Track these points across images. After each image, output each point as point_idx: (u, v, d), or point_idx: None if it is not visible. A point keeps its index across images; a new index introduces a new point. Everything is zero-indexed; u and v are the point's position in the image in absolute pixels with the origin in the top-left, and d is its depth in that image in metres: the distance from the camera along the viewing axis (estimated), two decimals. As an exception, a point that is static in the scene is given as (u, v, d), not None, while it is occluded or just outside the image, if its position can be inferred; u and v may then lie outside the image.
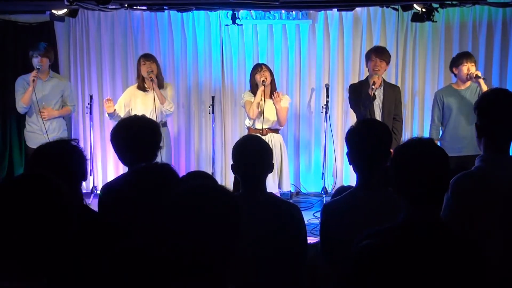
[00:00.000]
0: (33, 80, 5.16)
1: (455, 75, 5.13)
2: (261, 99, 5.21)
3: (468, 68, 4.99)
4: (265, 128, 5.27)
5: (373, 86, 5.02)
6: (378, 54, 5.13)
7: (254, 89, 5.32)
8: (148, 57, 5.38)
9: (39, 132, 5.33)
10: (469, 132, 4.81)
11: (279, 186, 5.41)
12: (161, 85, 5.36)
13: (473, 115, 2.50)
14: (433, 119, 5.23)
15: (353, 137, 2.42)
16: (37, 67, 5.23)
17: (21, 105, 5.35)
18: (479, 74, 4.96)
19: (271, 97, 5.28)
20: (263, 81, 5.18)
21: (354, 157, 2.41)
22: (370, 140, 2.37)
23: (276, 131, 5.39)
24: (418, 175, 1.80)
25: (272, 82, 5.33)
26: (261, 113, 5.23)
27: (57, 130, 5.46)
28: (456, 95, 5.07)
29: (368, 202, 2.33)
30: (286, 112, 5.39)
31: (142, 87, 5.37)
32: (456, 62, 5.10)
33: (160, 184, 2.27)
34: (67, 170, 2.16)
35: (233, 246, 1.57)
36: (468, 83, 5.05)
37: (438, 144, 4.96)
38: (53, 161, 2.21)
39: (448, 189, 2.03)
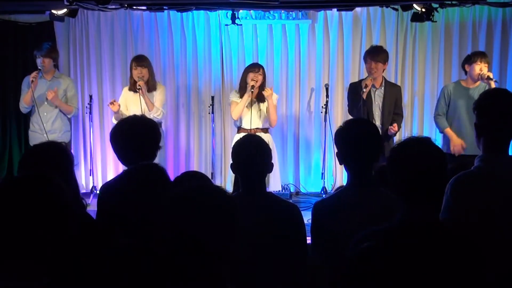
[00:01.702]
0: (32, 81, 5.20)
1: (466, 72, 5.06)
2: (246, 102, 5.18)
3: (481, 68, 4.92)
4: (253, 128, 5.24)
5: (364, 89, 5.02)
6: (373, 56, 5.12)
7: (242, 90, 5.27)
8: (139, 61, 5.33)
9: (41, 132, 5.34)
10: (472, 132, 4.79)
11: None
12: (153, 88, 5.37)
13: None
14: (437, 111, 5.18)
15: (340, 137, 2.46)
16: (39, 67, 5.31)
17: (22, 105, 5.43)
18: (491, 75, 4.88)
19: (257, 99, 5.25)
20: (252, 86, 5.13)
21: (343, 156, 2.44)
22: (357, 139, 2.40)
23: (264, 130, 5.33)
24: (416, 174, 1.80)
25: (263, 84, 5.27)
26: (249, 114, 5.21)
27: (58, 131, 5.43)
28: (464, 94, 5.01)
29: (359, 199, 2.35)
30: (275, 110, 5.35)
31: (133, 89, 5.38)
32: (469, 59, 5.02)
33: (150, 184, 2.27)
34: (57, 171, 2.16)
35: (231, 245, 1.57)
36: (478, 82, 4.99)
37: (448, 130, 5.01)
38: (42, 162, 2.21)
39: (446, 189, 2.03)
